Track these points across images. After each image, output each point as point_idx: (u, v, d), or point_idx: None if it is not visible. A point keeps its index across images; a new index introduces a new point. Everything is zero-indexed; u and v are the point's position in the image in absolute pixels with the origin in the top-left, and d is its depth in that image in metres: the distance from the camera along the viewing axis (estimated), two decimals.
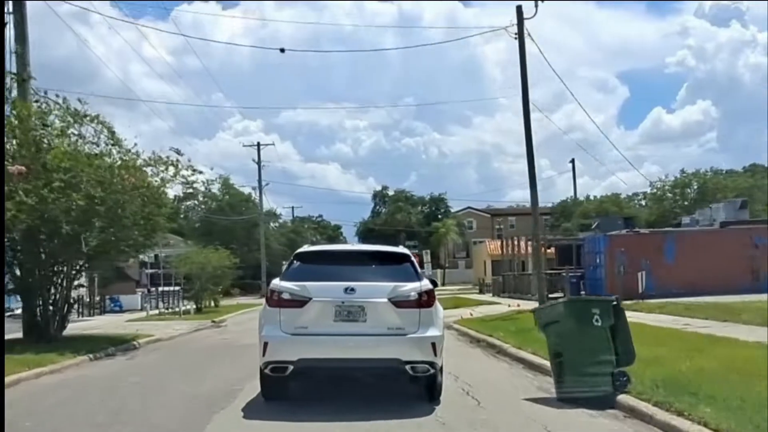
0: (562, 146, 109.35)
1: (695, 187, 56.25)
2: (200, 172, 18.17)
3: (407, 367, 7.24)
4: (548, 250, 32.16)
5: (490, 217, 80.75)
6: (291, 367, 7.23)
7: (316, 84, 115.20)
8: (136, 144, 16.10)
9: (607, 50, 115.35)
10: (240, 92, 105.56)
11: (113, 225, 15.13)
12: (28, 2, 16.16)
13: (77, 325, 19.76)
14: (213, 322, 23.67)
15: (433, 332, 7.41)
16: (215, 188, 64.44)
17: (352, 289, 7.29)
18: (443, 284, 42.08)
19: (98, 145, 15.74)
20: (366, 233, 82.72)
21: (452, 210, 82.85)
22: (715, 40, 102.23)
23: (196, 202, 64.27)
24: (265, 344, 7.32)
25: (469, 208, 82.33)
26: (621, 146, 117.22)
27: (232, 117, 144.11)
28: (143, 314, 27.98)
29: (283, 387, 7.68)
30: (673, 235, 28.10)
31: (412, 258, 8.17)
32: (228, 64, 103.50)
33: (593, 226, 37.18)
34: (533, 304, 17.04)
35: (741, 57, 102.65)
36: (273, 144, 68.18)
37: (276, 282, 7.66)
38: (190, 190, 59.95)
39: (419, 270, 7.96)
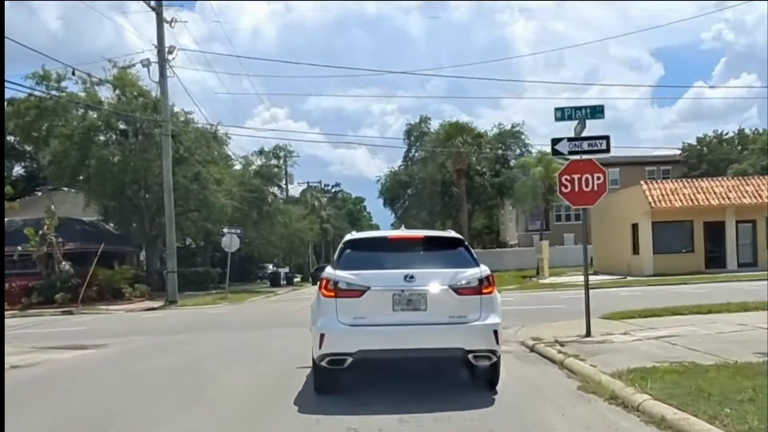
0: (594, 126, 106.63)
1: None
2: None
3: (470, 356, 6.92)
4: None
5: None
6: (350, 359, 6.89)
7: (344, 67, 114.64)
8: None
9: (640, 27, 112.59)
10: (267, 79, 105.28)
11: None
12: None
13: None
14: None
15: (494, 319, 7.09)
16: (106, 93, 35.15)
17: (412, 277, 6.93)
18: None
19: None
20: (396, 189, 55.04)
21: (532, 152, 49.98)
22: (756, 12, 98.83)
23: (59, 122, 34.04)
24: (322, 335, 6.95)
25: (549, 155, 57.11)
26: (656, 125, 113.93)
27: (261, 105, 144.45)
28: None
29: (337, 380, 7.36)
30: None
31: (466, 242, 7.85)
32: (253, 52, 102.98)
33: None
34: None
35: None
36: None
37: (330, 271, 7.26)
38: (46, 93, 29.59)
39: (474, 255, 7.62)
